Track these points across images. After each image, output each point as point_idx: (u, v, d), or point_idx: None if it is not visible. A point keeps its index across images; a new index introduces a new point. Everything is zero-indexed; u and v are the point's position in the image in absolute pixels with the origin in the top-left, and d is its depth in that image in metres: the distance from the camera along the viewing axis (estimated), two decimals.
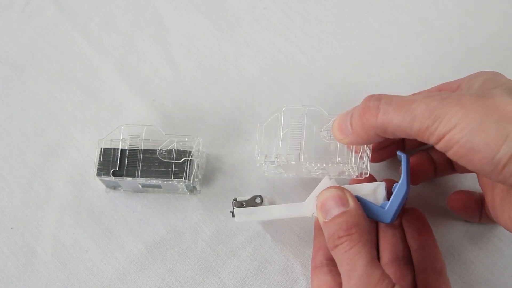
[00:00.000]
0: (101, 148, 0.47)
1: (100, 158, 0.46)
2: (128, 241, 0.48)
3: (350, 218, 0.39)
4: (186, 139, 0.47)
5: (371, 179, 0.44)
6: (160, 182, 0.46)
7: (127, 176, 0.46)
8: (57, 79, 0.54)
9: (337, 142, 0.42)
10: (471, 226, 0.48)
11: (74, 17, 0.57)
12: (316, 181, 0.43)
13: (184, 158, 0.46)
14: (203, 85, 0.54)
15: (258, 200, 0.44)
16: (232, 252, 0.47)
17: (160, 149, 0.46)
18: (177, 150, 0.46)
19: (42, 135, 0.52)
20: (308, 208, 0.43)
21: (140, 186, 0.48)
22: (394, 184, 0.42)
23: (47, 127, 0.52)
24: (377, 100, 0.38)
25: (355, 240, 0.38)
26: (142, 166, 0.46)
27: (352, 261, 0.37)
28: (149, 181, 0.46)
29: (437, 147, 0.35)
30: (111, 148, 0.47)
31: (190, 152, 0.46)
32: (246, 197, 0.44)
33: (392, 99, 0.37)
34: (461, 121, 0.34)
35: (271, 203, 0.44)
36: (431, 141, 0.35)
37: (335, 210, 0.39)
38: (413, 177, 0.45)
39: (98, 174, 0.46)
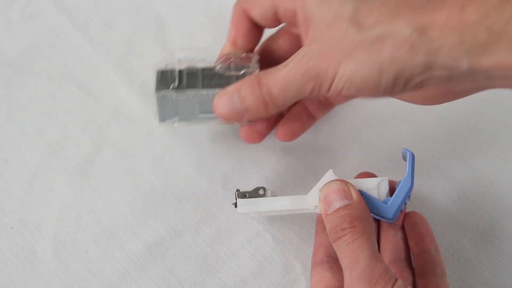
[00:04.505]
0: (158, 71, 0.45)
1: (158, 79, 0.45)
2: (128, 241, 0.48)
3: (353, 211, 0.39)
4: (244, 55, 0.46)
5: (372, 177, 0.44)
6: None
7: (188, 88, 0.44)
8: (57, 79, 0.54)
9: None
10: (471, 226, 0.48)
11: (74, 17, 0.58)
12: (318, 177, 0.43)
13: (244, 70, 0.45)
14: None
15: (261, 192, 0.44)
16: (232, 252, 0.47)
17: (218, 64, 0.45)
18: (236, 65, 0.45)
19: (42, 135, 0.52)
20: (310, 200, 0.43)
21: (198, 111, 0.46)
22: (398, 181, 0.42)
23: (47, 127, 0.52)
24: (263, 88, 0.40)
25: (359, 232, 0.38)
26: (202, 81, 0.45)
27: (355, 253, 0.37)
28: (211, 92, 0.44)
29: (330, 94, 0.38)
30: (168, 70, 0.45)
31: (248, 65, 0.45)
32: (249, 188, 0.44)
33: (274, 83, 0.40)
34: (337, 71, 0.36)
35: (274, 195, 0.44)
36: (322, 93, 0.38)
37: (338, 203, 0.39)
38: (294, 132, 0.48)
39: (158, 89, 0.44)
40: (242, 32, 0.46)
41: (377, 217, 0.42)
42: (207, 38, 0.56)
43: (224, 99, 0.42)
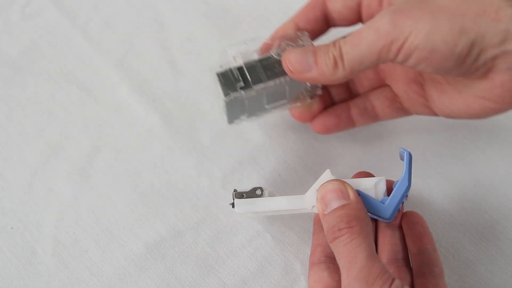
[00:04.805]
0: (218, 73, 0.43)
1: (221, 83, 0.43)
2: (128, 241, 0.48)
3: (350, 211, 0.39)
4: (293, 34, 0.45)
5: (369, 176, 0.44)
6: (287, 79, 0.43)
7: (254, 83, 0.43)
8: (57, 79, 0.55)
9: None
10: (471, 226, 0.48)
11: (74, 17, 0.58)
12: (318, 177, 0.43)
13: None
14: (203, 85, 0.54)
15: (258, 192, 0.44)
16: (232, 252, 0.47)
17: (275, 51, 0.44)
18: (292, 47, 0.44)
19: (42, 135, 0.52)
20: (308, 200, 0.43)
21: (266, 102, 0.45)
22: (396, 181, 0.42)
23: (47, 127, 0.52)
24: (336, 46, 0.40)
25: (356, 232, 0.38)
26: (265, 72, 0.44)
27: (352, 253, 0.37)
28: (277, 81, 0.43)
29: (398, 59, 0.37)
30: (226, 70, 0.43)
31: (301, 44, 0.44)
32: (247, 188, 0.44)
33: (346, 42, 0.39)
34: (414, 27, 0.36)
35: (272, 195, 0.45)
36: (391, 56, 0.37)
37: (336, 203, 0.39)
38: (330, 126, 0.49)
39: (227, 94, 0.43)
40: (309, 18, 0.46)
41: (375, 217, 0.42)
42: (207, 38, 0.56)
43: (298, 51, 0.42)
